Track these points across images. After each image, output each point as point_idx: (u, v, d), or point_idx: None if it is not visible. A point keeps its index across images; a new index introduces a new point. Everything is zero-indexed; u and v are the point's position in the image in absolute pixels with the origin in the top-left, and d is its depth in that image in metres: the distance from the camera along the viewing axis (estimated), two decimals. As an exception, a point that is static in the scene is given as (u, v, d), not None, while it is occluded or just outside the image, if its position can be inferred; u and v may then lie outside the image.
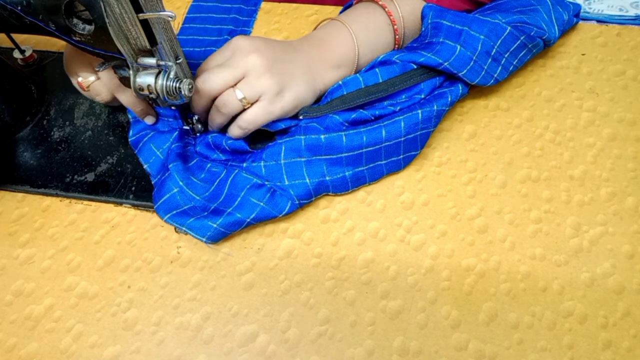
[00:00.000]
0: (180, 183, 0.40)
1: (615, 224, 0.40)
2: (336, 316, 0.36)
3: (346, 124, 0.41)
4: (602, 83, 0.48)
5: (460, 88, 0.43)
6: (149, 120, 0.44)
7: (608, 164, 0.43)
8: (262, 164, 0.40)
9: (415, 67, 0.43)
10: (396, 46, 0.46)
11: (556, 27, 0.47)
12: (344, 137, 0.40)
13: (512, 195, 0.42)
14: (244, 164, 0.41)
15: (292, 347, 0.35)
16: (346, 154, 0.40)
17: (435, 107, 0.41)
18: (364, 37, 0.44)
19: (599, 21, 0.53)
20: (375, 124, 0.41)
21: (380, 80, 0.42)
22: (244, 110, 0.40)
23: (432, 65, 0.42)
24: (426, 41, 0.44)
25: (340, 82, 0.42)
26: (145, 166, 0.43)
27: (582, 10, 0.54)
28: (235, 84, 0.39)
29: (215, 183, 0.41)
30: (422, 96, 0.43)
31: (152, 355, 0.36)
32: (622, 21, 0.53)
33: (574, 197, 0.41)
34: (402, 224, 0.40)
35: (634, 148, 0.43)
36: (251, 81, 0.39)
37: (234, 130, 0.41)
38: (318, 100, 0.44)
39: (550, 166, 0.43)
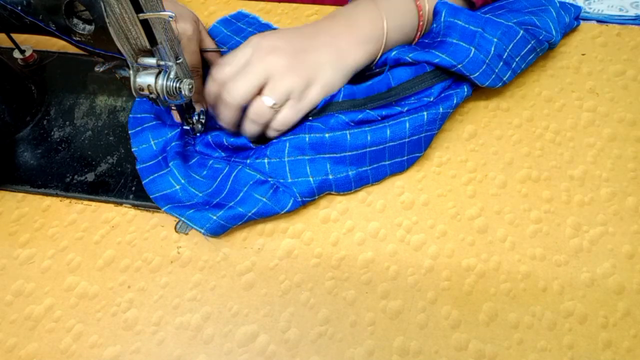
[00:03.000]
0: (182, 180, 0.40)
1: (615, 224, 0.40)
2: (336, 316, 0.36)
3: (352, 124, 0.41)
4: (602, 83, 0.48)
5: (466, 89, 0.43)
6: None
7: (608, 164, 0.43)
8: (265, 160, 0.40)
9: (427, 69, 0.43)
10: (419, 34, 0.46)
11: (560, 30, 0.47)
12: (348, 136, 0.40)
13: (512, 195, 0.42)
14: (248, 161, 0.41)
15: (292, 347, 0.35)
16: (350, 153, 0.40)
17: (440, 110, 0.41)
18: (392, 16, 0.43)
19: (599, 21, 0.53)
20: (380, 124, 0.40)
21: (393, 86, 0.42)
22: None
23: (446, 66, 0.42)
24: (439, 39, 0.43)
25: (354, 87, 0.42)
26: (134, 148, 0.42)
27: (582, 10, 0.54)
28: (260, 91, 0.39)
29: (218, 179, 0.41)
30: (431, 99, 0.43)
31: (152, 355, 0.36)
32: (622, 21, 0.53)
33: (574, 197, 0.41)
34: (402, 224, 0.40)
35: (634, 148, 0.43)
36: (276, 85, 0.38)
37: (271, 133, 0.41)
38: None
39: (550, 166, 0.43)
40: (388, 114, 0.42)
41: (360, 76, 0.44)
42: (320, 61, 0.40)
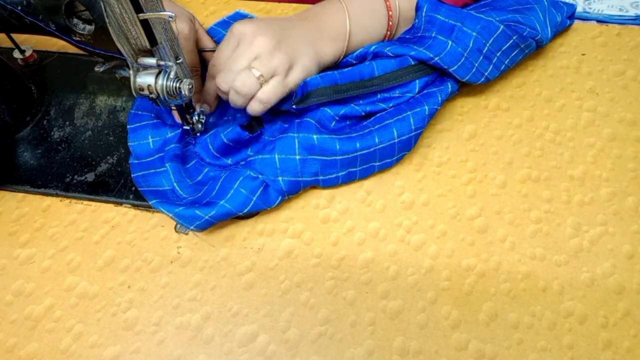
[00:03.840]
0: (174, 183, 0.40)
1: (615, 224, 0.40)
2: (336, 316, 0.36)
3: (337, 118, 0.42)
4: (602, 83, 0.48)
5: (450, 86, 0.44)
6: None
7: (608, 164, 0.43)
8: (257, 157, 0.41)
9: (412, 62, 0.43)
10: (388, 33, 0.46)
11: (549, 28, 0.47)
12: (337, 144, 0.40)
13: (512, 195, 0.42)
14: (242, 162, 0.42)
15: (292, 347, 0.35)
16: (340, 157, 0.40)
17: (426, 109, 0.42)
18: (357, 15, 0.45)
19: (599, 21, 0.53)
20: (366, 129, 0.41)
21: (376, 75, 0.43)
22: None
23: (423, 59, 0.42)
24: (419, 34, 0.44)
25: (336, 72, 0.43)
26: (130, 143, 0.43)
27: (582, 10, 0.54)
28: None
29: (209, 183, 0.41)
30: (415, 93, 0.43)
31: (152, 355, 0.36)
32: (622, 21, 0.53)
33: (574, 197, 0.41)
34: (402, 224, 0.40)
35: (634, 148, 0.43)
36: (264, 61, 0.40)
37: (255, 106, 0.42)
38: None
39: (550, 166, 0.43)
40: (372, 110, 0.42)
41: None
42: (300, 50, 0.42)
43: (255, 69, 0.40)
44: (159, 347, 0.36)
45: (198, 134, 0.44)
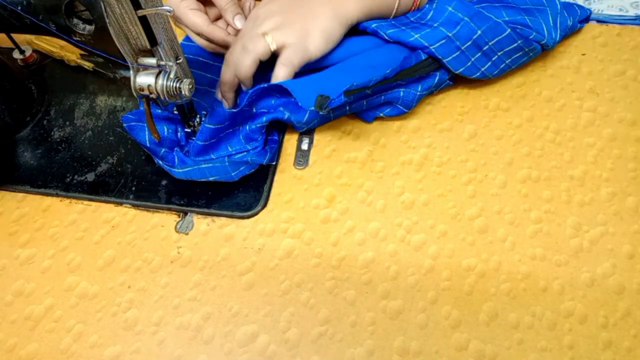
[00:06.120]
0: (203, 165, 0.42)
1: (615, 224, 0.40)
2: (336, 316, 0.36)
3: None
4: (602, 83, 0.48)
5: (438, 75, 0.44)
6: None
7: (608, 164, 0.43)
8: (273, 101, 0.43)
9: (424, 57, 0.43)
10: (414, 7, 0.47)
11: (558, 32, 0.47)
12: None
13: (512, 195, 0.42)
14: (247, 127, 0.43)
15: (293, 347, 0.35)
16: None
17: (418, 91, 0.44)
18: None
19: (599, 21, 0.53)
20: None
21: (389, 72, 0.43)
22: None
23: (418, 46, 0.43)
24: (423, 22, 0.44)
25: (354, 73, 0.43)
26: (146, 144, 0.42)
27: (591, 12, 0.53)
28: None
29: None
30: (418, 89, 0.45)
31: (152, 355, 0.36)
32: (622, 21, 0.53)
33: (574, 197, 0.41)
34: (403, 224, 0.40)
35: (634, 148, 0.43)
36: (274, 36, 0.41)
37: (279, 71, 0.42)
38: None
39: (550, 166, 0.43)
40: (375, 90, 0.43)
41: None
42: (315, 14, 0.42)
43: (268, 35, 0.41)
44: (159, 347, 0.36)
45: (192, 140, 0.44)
